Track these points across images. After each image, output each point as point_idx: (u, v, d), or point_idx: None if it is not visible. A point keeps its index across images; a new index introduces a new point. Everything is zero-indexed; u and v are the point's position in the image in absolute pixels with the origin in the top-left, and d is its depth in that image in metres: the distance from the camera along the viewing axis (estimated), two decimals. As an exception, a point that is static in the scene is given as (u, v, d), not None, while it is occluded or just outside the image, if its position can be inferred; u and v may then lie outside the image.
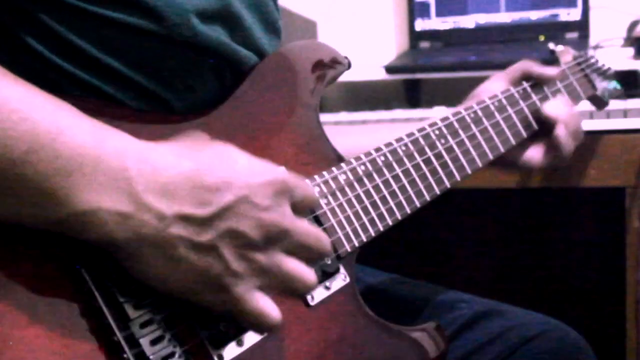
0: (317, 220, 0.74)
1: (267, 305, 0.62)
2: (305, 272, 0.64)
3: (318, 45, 0.85)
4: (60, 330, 0.56)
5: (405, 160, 0.83)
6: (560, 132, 0.98)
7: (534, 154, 1.00)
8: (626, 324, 1.29)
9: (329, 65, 0.84)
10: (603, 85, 1.17)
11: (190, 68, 0.73)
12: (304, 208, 0.66)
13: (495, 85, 1.01)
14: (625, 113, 1.31)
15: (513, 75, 1.03)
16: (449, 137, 0.88)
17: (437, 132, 0.87)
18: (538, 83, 1.02)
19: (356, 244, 0.76)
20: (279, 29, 0.85)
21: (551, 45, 1.19)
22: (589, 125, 1.31)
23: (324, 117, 1.53)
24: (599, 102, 1.18)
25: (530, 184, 1.32)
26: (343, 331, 0.74)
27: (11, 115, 0.54)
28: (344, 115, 1.55)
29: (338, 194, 0.76)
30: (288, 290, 0.64)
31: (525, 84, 1.00)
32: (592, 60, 1.17)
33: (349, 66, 0.86)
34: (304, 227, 0.64)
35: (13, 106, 0.55)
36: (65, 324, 0.57)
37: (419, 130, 0.86)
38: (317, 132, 0.81)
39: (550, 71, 1.02)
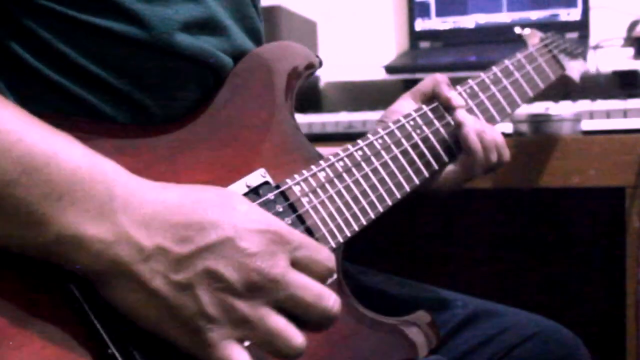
0: (301, 219, 0.74)
1: (240, 359, 0.58)
2: (291, 333, 0.60)
3: (290, 46, 0.85)
4: (54, 347, 0.56)
5: (383, 153, 0.84)
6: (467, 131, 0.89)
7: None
8: (626, 324, 1.29)
9: (301, 67, 0.83)
10: (571, 65, 1.17)
11: (175, 76, 0.73)
12: (311, 270, 0.62)
13: (405, 105, 0.95)
14: (625, 113, 1.31)
15: (423, 91, 0.95)
16: (424, 127, 0.89)
17: (412, 122, 0.88)
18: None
19: (341, 240, 0.76)
20: (261, 38, 0.85)
21: (517, 30, 1.19)
22: (589, 125, 1.31)
23: (324, 117, 1.54)
24: (569, 82, 1.19)
25: (530, 184, 1.32)
26: (333, 327, 0.74)
27: (8, 136, 0.55)
28: (344, 115, 1.55)
29: (319, 191, 0.76)
30: (269, 349, 0.60)
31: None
32: (559, 41, 1.17)
33: (321, 64, 0.85)
34: (302, 282, 0.61)
35: (10, 127, 0.55)
36: (59, 340, 0.57)
37: (394, 123, 0.87)
38: (294, 131, 0.80)
39: (456, 100, 0.92)
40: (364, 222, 0.79)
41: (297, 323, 0.61)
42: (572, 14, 1.82)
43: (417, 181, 0.86)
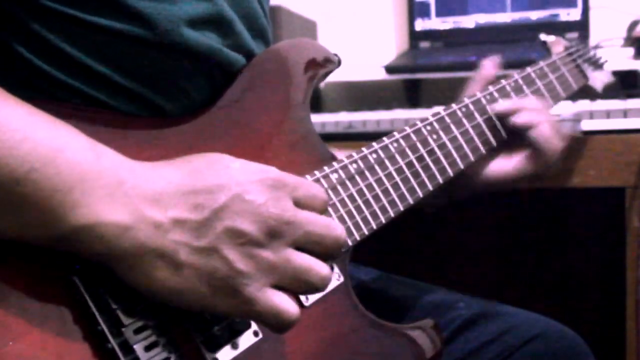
0: None
1: (282, 302, 0.61)
2: (316, 264, 0.63)
3: (308, 43, 0.84)
4: (54, 340, 0.56)
5: (398, 157, 0.83)
6: (539, 132, 0.94)
7: (507, 162, 0.98)
8: (626, 324, 1.29)
9: (319, 64, 0.83)
10: (595, 75, 1.16)
11: (182, 73, 0.73)
12: (312, 206, 0.64)
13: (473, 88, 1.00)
14: (625, 113, 1.31)
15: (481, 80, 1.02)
16: (441, 133, 0.88)
17: (428, 127, 0.87)
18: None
19: (350, 243, 0.76)
20: (269, 38, 0.84)
21: (542, 36, 1.18)
22: (589, 125, 1.31)
23: (324, 117, 1.54)
24: (591, 92, 1.18)
25: (530, 184, 1.32)
26: (338, 330, 0.74)
27: (14, 135, 0.55)
28: (344, 115, 1.54)
29: (330, 192, 0.75)
30: (303, 285, 0.63)
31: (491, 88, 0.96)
32: (584, 50, 1.16)
33: (339, 63, 0.85)
34: (311, 218, 0.63)
35: (15, 126, 0.55)
36: (59, 333, 0.57)
37: (411, 126, 0.86)
38: (309, 131, 0.80)
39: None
40: (374, 227, 0.78)
41: (315, 257, 0.63)
42: (572, 14, 1.82)
43: (430, 187, 0.85)
